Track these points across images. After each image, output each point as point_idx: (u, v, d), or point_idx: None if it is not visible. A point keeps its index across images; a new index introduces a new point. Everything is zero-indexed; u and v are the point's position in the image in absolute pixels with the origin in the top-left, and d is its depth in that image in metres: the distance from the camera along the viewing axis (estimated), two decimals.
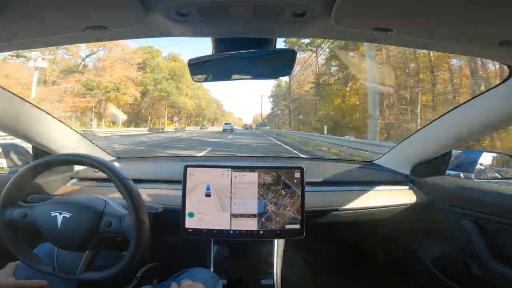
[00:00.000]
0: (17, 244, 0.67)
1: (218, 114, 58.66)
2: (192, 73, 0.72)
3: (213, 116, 53.76)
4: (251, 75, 0.75)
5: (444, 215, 1.00)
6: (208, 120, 49.34)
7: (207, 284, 0.72)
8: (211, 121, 53.64)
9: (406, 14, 0.46)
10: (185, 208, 0.87)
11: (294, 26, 0.54)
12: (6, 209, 0.66)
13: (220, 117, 59.83)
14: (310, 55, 19.50)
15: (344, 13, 0.47)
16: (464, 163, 1.09)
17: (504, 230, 0.82)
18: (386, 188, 1.09)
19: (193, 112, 37.95)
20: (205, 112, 44.06)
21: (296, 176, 0.88)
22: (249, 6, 0.47)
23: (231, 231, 0.86)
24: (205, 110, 42.96)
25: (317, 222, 0.99)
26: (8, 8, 0.44)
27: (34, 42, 0.59)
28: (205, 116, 45.37)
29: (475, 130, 0.85)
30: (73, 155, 0.80)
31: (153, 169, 1.32)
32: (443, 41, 0.55)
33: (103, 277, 0.66)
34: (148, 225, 0.66)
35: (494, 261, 0.84)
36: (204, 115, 44.47)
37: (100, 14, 0.48)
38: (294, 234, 0.87)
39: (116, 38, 0.61)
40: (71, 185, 1.08)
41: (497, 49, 0.54)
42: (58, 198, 0.72)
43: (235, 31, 0.58)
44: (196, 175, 0.88)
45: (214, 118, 56.02)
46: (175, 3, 0.46)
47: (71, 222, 0.64)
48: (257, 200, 0.87)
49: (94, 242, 0.65)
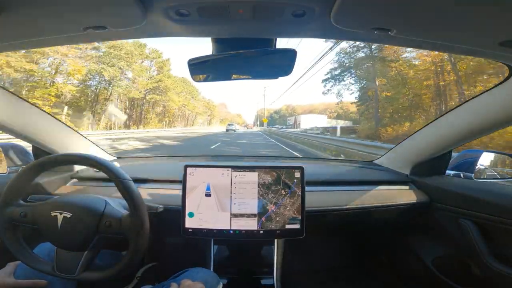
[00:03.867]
0: (17, 244, 0.67)
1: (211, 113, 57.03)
2: (192, 73, 0.72)
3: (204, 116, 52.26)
4: (251, 75, 0.75)
5: (444, 215, 1.00)
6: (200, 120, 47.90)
7: (207, 284, 0.72)
8: (207, 121, 52.53)
9: (406, 14, 0.46)
10: (185, 208, 0.87)
11: (294, 26, 0.54)
12: (6, 208, 0.66)
13: (212, 118, 58.68)
14: None
15: (344, 13, 0.47)
16: (464, 163, 1.09)
17: (504, 230, 0.82)
18: (386, 188, 1.09)
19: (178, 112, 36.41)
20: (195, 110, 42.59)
21: (296, 176, 0.88)
22: (249, 6, 0.47)
23: (231, 231, 0.86)
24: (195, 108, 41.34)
25: (317, 222, 0.99)
26: (8, 8, 0.44)
27: (34, 42, 0.59)
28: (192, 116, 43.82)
29: (475, 130, 0.85)
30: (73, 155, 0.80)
31: (153, 169, 1.32)
32: (443, 41, 0.55)
33: (103, 277, 0.66)
34: (148, 225, 0.66)
35: (494, 261, 0.84)
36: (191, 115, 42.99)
37: (100, 14, 0.48)
38: (294, 234, 0.87)
39: (116, 38, 0.60)
40: (71, 185, 1.08)
41: (497, 49, 0.54)
42: (58, 198, 0.72)
43: (235, 31, 0.58)
44: (196, 175, 0.88)
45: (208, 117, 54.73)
46: (175, 3, 0.46)
47: (71, 222, 0.64)
48: (257, 200, 0.87)
49: (94, 242, 0.65)
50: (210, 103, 59.69)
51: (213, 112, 63.08)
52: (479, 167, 1.06)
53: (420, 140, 1.09)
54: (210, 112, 59.54)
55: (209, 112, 58.48)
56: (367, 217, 1.04)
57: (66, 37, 0.57)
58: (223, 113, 73.01)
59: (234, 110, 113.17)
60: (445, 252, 1.04)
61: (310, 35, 0.61)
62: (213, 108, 62.43)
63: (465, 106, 0.85)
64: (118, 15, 0.49)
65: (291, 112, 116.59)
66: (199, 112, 48.33)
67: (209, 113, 58.76)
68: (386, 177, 1.17)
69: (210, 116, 61.26)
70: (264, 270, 0.95)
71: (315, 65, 22.41)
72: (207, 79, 0.77)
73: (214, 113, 63.96)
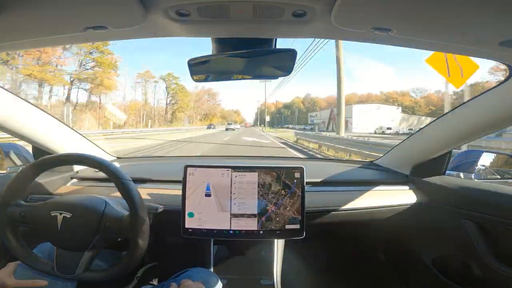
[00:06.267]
0: (17, 244, 0.67)
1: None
2: (192, 73, 0.72)
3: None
4: (251, 75, 0.75)
5: (444, 215, 1.00)
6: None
7: (207, 284, 0.72)
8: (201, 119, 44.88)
9: (406, 14, 0.46)
10: (185, 208, 0.87)
11: (294, 26, 0.54)
12: (6, 208, 0.66)
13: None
14: None
15: (344, 13, 0.47)
16: (464, 163, 1.09)
17: (504, 230, 0.82)
18: (386, 188, 1.09)
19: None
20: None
21: (296, 176, 0.88)
22: (248, 6, 0.47)
23: (231, 231, 0.86)
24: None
25: (317, 222, 0.99)
26: (8, 8, 0.44)
27: (33, 42, 0.59)
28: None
29: (475, 130, 0.85)
30: (73, 155, 0.80)
31: (153, 169, 1.32)
32: (443, 41, 0.55)
33: (103, 277, 0.66)
34: (148, 225, 0.66)
35: (494, 261, 0.84)
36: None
37: (100, 14, 0.48)
38: (294, 234, 0.87)
39: (116, 38, 0.60)
40: (71, 185, 1.08)
41: (497, 49, 0.54)
42: (58, 198, 0.72)
43: (235, 31, 0.58)
44: (196, 175, 0.88)
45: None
46: (175, 3, 0.46)
47: (71, 222, 0.64)
48: (257, 200, 0.87)
49: (94, 242, 0.65)
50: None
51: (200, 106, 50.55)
52: (479, 167, 1.06)
53: (420, 140, 1.09)
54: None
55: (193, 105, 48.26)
56: (367, 217, 1.04)
57: (66, 37, 0.57)
58: (209, 107, 55.55)
59: (230, 105, 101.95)
60: (445, 252, 1.04)
61: (310, 35, 0.61)
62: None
63: (465, 106, 0.85)
64: (118, 15, 0.49)
65: (311, 105, 79.91)
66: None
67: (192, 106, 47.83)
68: (386, 177, 1.17)
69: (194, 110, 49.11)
70: (264, 270, 0.95)
71: None
72: (207, 79, 0.77)
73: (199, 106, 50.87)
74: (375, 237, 1.37)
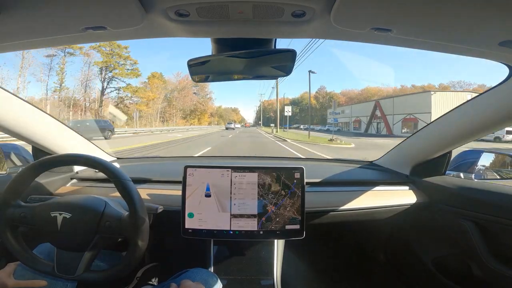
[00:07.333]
0: (16, 244, 0.67)
1: None
2: (192, 73, 0.72)
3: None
4: (251, 75, 0.75)
5: (444, 215, 1.00)
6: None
7: (207, 284, 0.72)
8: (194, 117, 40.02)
9: (406, 14, 0.46)
10: (185, 209, 0.86)
11: (294, 26, 0.54)
12: (6, 209, 0.66)
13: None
14: None
15: (344, 13, 0.47)
16: (464, 163, 1.08)
17: (504, 230, 0.82)
18: (386, 188, 1.09)
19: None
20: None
21: (296, 176, 0.88)
22: (248, 6, 0.47)
23: (231, 231, 0.86)
24: None
25: (317, 222, 0.99)
26: (7, 8, 0.44)
27: (33, 42, 0.59)
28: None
29: (475, 130, 0.85)
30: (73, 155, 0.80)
31: (153, 169, 1.32)
32: (442, 41, 0.55)
33: (103, 277, 0.66)
34: (148, 225, 0.66)
35: (494, 261, 0.84)
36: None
37: (99, 14, 0.48)
38: (294, 234, 0.87)
39: (116, 38, 0.60)
40: (71, 186, 1.08)
41: (497, 49, 0.54)
42: (58, 199, 0.72)
43: (235, 31, 0.58)
44: (196, 176, 0.88)
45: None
46: (175, 3, 0.46)
47: (71, 222, 0.64)
48: (257, 201, 0.87)
49: (94, 243, 0.65)
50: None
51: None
52: (479, 167, 1.06)
53: (420, 140, 1.09)
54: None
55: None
56: (367, 217, 1.04)
57: (66, 37, 0.57)
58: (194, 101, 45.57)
59: (227, 103, 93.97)
60: (445, 252, 1.04)
61: (309, 35, 0.61)
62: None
63: (465, 106, 0.85)
64: (117, 15, 0.49)
65: (326, 100, 60.50)
66: None
67: None
68: (386, 177, 1.17)
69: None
70: (264, 270, 0.95)
71: None
72: (207, 79, 0.77)
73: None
74: (375, 237, 1.37)
